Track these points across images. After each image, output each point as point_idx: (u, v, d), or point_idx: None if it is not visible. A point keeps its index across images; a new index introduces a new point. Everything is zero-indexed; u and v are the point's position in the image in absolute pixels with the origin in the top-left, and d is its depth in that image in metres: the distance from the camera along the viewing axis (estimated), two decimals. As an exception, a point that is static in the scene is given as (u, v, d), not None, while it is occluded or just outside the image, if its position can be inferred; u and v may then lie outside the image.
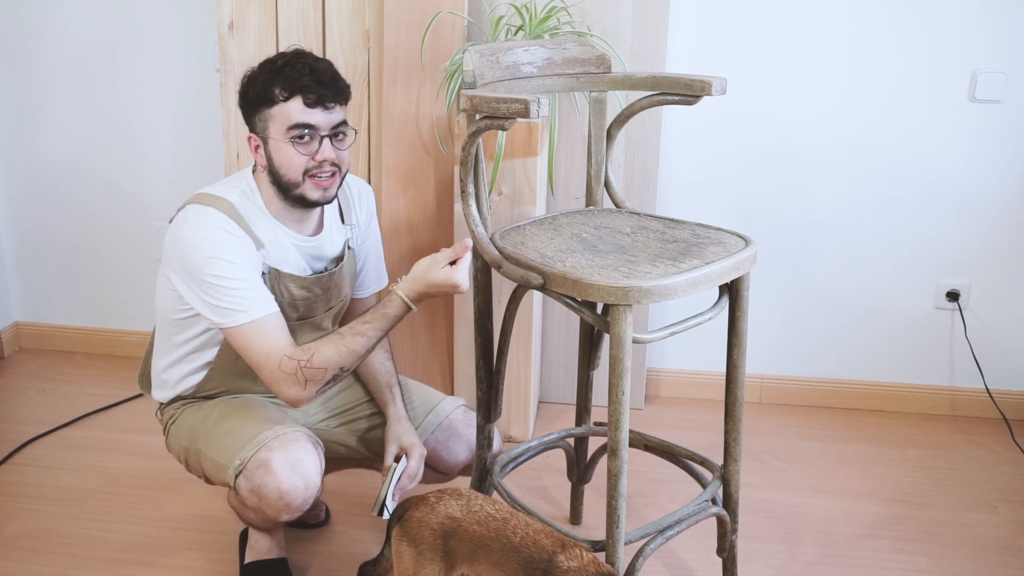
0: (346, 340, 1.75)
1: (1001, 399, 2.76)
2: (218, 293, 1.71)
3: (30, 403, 2.79)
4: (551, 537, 1.55)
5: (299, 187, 1.78)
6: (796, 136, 2.67)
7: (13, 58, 2.89)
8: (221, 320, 1.73)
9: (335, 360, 1.74)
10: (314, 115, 1.75)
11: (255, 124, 1.79)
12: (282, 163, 1.76)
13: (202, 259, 1.72)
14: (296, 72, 1.74)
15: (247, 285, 1.73)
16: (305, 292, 1.86)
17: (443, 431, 1.99)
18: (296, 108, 1.74)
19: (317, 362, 1.72)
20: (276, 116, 1.75)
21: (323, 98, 1.74)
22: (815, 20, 2.58)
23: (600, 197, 1.97)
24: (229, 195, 1.79)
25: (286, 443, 1.74)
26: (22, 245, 3.07)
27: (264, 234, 1.80)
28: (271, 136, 1.76)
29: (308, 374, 1.72)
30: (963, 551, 2.16)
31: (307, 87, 1.73)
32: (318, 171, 1.77)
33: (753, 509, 2.30)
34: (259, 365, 1.74)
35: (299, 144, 1.75)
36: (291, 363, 1.71)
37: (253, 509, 1.78)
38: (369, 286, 2.09)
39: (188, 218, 1.76)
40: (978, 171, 2.63)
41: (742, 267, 1.66)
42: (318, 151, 1.76)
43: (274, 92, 1.74)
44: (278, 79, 1.74)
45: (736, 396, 1.78)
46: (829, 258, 2.75)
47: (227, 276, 1.71)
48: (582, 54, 1.89)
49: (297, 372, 1.71)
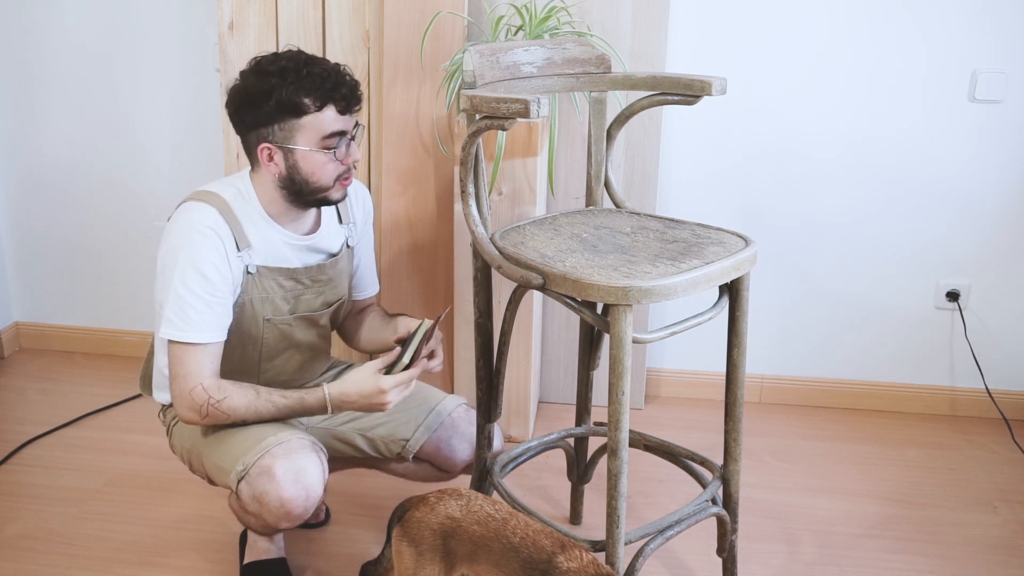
0: (259, 401, 1.77)
1: (1001, 399, 2.76)
2: (175, 301, 1.72)
3: (30, 403, 2.79)
4: (551, 537, 1.55)
5: (327, 191, 1.79)
6: (796, 136, 2.67)
7: (13, 59, 2.89)
8: (161, 326, 1.75)
9: (240, 412, 1.75)
10: (346, 121, 1.76)
11: (270, 134, 1.75)
12: (314, 171, 1.76)
13: (178, 262, 1.72)
14: (322, 79, 1.72)
15: (202, 307, 1.73)
16: (294, 283, 1.86)
17: (445, 430, 1.99)
18: (330, 117, 1.73)
19: (225, 407, 1.74)
20: (307, 126, 1.73)
21: (350, 104, 1.75)
22: (815, 20, 2.58)
23: (600, 197, 1.97)
24: (224, 192, 1.79)
25: (290, 451, 1.74)
26: (22, 245, 3.07)
27: (255, 234, 1.80)
28: (299, 146, 1.74)
29: (211, 411, 1.74)
30: (963, 551, 2.16)
31: (341, 96, 1.73)
32: (347, 173, 1.79)
33: (753, 509, 2.30)
34: (174, 376, 1.75)
35: (336, 151, 1.75)
36: (202, 395, 1.73)
37: (253, 515, 1.78)
38: (366, 288, 2.09)
39: (181, 215, 1.77)
40: (978, 171, 2.63)
41: (742, 267, 1.66)
42: (348, 155, 1.78)
43: (304, 103, 1.71)
44: (304, 88, 1.71)
45: (736, 396, 1.78)
46: (829, 258, 2.75)
47: (191, 288, 1.72)
48: (582, 54, 1.89)
49: (203, 405, 1.73)
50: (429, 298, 2.63)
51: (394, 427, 1.98)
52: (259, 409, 1.77)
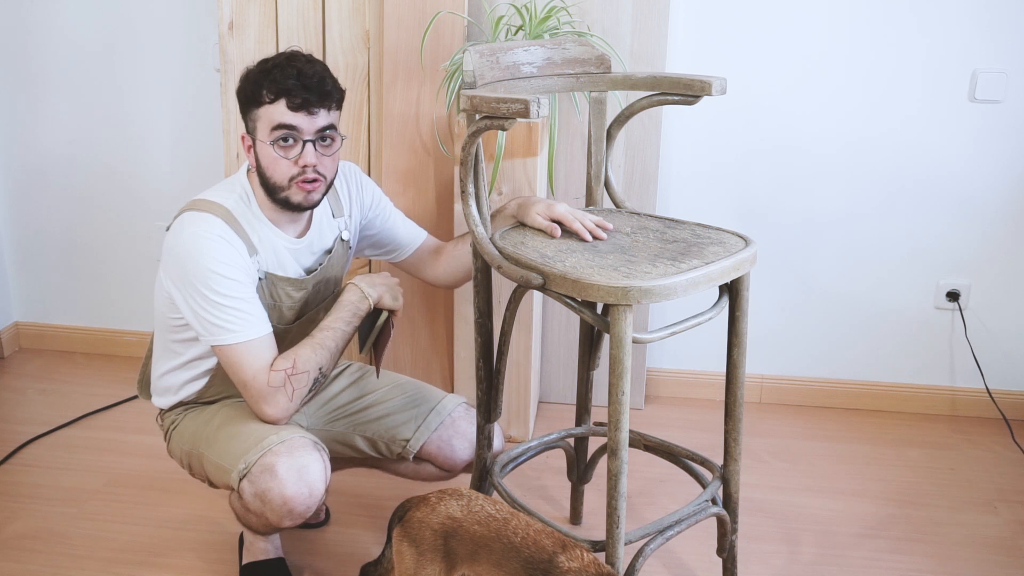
0: (315, 338, 1.78)
1: (1001, 399, 2.76)
2: (213, 308, 1.71)
3: (30, 403, 2.79)
4: (552, 537, 1.55)
5: (284, 191, 1.78)
6: (797, 137, 2.66)
7: (13, 58, 2.89)
8: (211, 337, 1.73)
9: (313, 360, 1.76)
10: (297, 118, 1.74)
11: (247, 123, 1.80)
12: (268, 165, 1.77)
13: (200, 272, 1.71)
14: (283, 74, 1.73)
15: (242, 305, 1.73)
16: (304, 293, 1.87)
17: (446, 429, 1.99)
18: (279, 110, 1.74)
19: (300, 365, 1.74)
20: (262, 117, 1.75)
21: (307, 102, 1.74)
22: (816, 20, 2.58)
23: (600, 197, 1.97)
24: (225, 200, 1.79)
25: (292, 449, 1.74)
26: (22, 245, 3.07)
27: (259, 239, 1.80)
28: (258, 137, 1.77)
29: (295, 382, 1.73)
30: (963, 551, 2.16)
31: (291, 90, 1.73)
32: (301, 176, 1.77)
33: (753, 509, 2.30)
34: (245, 383, 1.74)
35: (282, 147, 1.75)
36: (279, 375, 1.72)
37: (255, 514, 1.77)
38: (415, 239, 2.09)
39: (186, 226, 1.75)
40: (978, 171, 2.63)
41: (742, 267, 1.66)
42: (300, 155, 1.76)
43: (262, 93, 1.74)
44: (265, 80, 1.74)
45: (736, 396, 1.78)
46: (829, 259, 2.75)
47: (224, 292, 1.71)
48: (582, 54, 1.89)
49: (285, 383, 1.73)
50: (429, 298, 2.63)
51: (395, 427, 1.99)
52: (323, 343, 1.77)
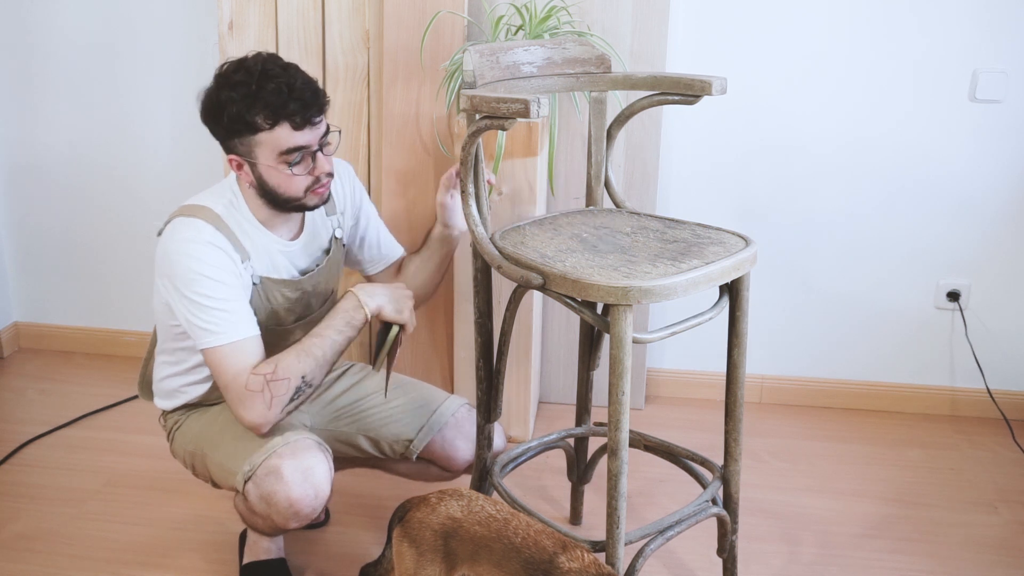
0: (302, 345, 1.73)
1: (1001, 399, 2.76)
2: (200, 312, 1.70)
3: (30, 403, 2.79)
4: (552, 538, 1.55)
5: (299, 200, 1.77)
6: (797, 136, 2.66)
7: (13, 58, 2.89)
8: (197, 340, 1.72)
9: (296, 367, 1.70)
10: (304, 136, 1.70)
11: (234, 147, 1.73)
12: (280, 184, 1.73)
13: (188, 276, 1.70)
14: (274, 95, 1.65)
15: (229, 306, 1.71)
16: (299, 293, 1.86)
17: (449, 430, 1.99)
18: (284, 134, 1.68)
19: (281, 372, 1.68)
20: (263, 143, 1.69)
21: (309, 118, 1.69)
22: (816, 20, 2.58)
23: (600, 197, 1.97)
24: (215, 205, 1.77)
25: (297, 451, 1.73)
26: (22, 245, 3.07)
27: (251, 243, 1.79)
28: (260, 162, 1.72)
29: (274, 388, 1.68)
30: (963, 551, 2.16)
31: (291, 112, 1.66)
32: (317, 184, 1.76)
33: (753, 509, 2.30)
34: (226, 385, 1.71)
35: (295, 167, 1.72)
36: (257, 379, 1.68)
37: (261, 516, 1.77)
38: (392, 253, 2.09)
39: (176, 232, 1.74)
40: (978, 171, 2.63)
41: (742, 267, 1.66)
42: (314, 167, 1.74)
43: (256, 120, 1.67)
44: (256, 106, 1.66)
45: (736, 396, 1.78)
46: (830, 258, 2.75)
47: (210, 295, 1.69)
48: (582, 54, 1.89)
49: (264, 388, 1.67)
50: (429, 298, 2.63)
51: (398, 428, 1.99)
52: (310, 351, 1.71)
